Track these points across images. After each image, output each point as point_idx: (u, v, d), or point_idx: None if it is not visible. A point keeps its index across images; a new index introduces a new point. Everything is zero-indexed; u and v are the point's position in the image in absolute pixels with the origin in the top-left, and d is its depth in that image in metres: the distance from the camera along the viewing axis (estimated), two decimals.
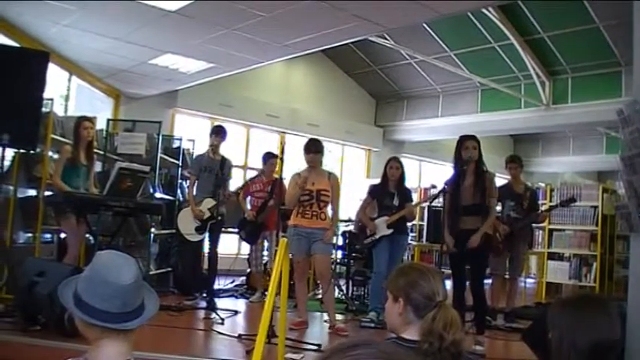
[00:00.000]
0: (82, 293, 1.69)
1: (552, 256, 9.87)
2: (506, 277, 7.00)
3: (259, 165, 8.24)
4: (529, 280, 10.15)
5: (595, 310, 1.90)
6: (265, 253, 7.91)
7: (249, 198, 7.93)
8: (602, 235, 9.27)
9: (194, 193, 7.22)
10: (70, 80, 8.81)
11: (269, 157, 7.87)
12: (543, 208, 7.98)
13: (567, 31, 10.01)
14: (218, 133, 7.20)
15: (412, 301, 2.01)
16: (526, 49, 10.64)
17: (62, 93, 8.73)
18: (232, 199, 7.31)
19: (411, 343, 1.96)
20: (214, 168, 7.04)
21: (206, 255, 7.42)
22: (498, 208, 6.30)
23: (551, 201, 9.63)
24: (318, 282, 7.14)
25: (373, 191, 6.85)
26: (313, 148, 5.95)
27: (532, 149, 16.56)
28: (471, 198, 5.35)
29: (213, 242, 7.11)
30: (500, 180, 6.56)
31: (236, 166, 11.15)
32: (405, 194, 6.79)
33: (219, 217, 6.92)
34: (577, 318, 1.86)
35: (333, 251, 8.40)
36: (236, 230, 8.11)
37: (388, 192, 6.69)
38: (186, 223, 7.07)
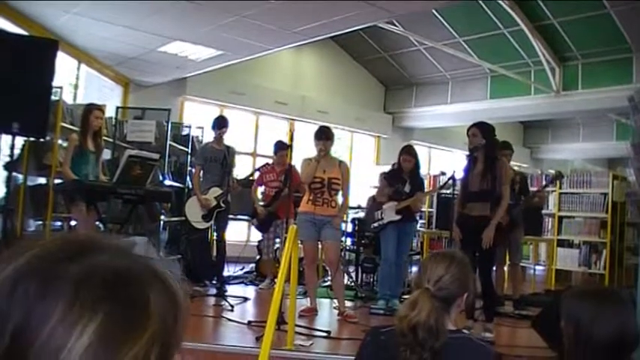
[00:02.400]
0: None
1: (562, 243, 9.82)
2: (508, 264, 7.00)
3: (268, 152, 8.23)
4: (538, 267, 10.10)
5: (615, 305, 1.86)
6: (277, 240, 7.92)
7: (262, 188, 7.92)
8: (612, 222, 9.22)
9: (200, 182, 7.25)
10: (79, 68, 8.82)
11: (280, 147, 7.84)
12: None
13: (578, 17, 9.90)
14: (222, 124, 7.22)
15: (414, 284, 2.05)
16: (536, 35, 10.53)
17: (71, 81, 8.73)
18: (237, 190, 7.32)
19: None
20: (219, 157, 7.07)
21: (215, 242, 7.45)
22: None
23: (560, 188, 9.57)
24: (327, 269, 7.14)
25: (387, 175, 6.88)
26: (324, 135, 5.94)
27: (542, 136, 16.45)
28: (479, 184, 5.31)
29: (221, 229, 7.15)
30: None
31: (245, 154, 11.20)
32: (418, 182, 6.83)
33: (225, 206, 6.96)
34: (596, 312, 1.83)
35: (343, 238, 8.42)
36: (246, 218, 8.11)
37: (401, 179, 6.72)
38: (193, 212, 7.11)
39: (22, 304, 0.60)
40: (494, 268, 5.87)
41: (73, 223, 6.36)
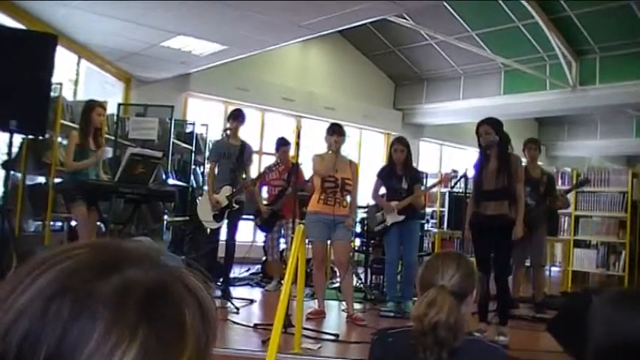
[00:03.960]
0: None
1: (579, 244, 9.76)
2: (528, 265, 6.95)
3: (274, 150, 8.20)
4: (554, 269, 10.05)
5: None
6: (282, 240, 7.90)
7: (265, 188, 7.90)
8: (631, 222, 9.14)
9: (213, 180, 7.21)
10: (78, 64, 8.81)
11: (281, 143, 7.80)
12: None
13: (596, 9, 9.82)
14: (237, 117, 7.10)
15: (419, 285, 2.03)
16: (551, 28, 10.46)
17: (71, 77, 8.73)
18: (250, 189, 7.27)
19: None
20: (234, 154, 6.94)
21: (223, 243, 7.40)
22: None
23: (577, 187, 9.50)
24: (336, 270, 7.12)
25: (381, 174, 6.83)
26: (337, 131, 5.94)
27: (557, 133, 16.35)
28: (494, 182, 5.28)
29: (231, 230, 7.08)
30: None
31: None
32: (414, 176, 6.77)
33: (238, 206, 6.88)
34: (634, 317, 1.78)
35: (352, 238, 8.40)
36: (251, 217, 8.09)
37: (396, 175, 6.66)
38: (203, 211, 7.04)
39: (55, 325, 0.57)
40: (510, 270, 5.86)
41: (73, 223, 6.38)
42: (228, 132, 6.97)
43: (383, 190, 6.84)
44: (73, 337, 0.57)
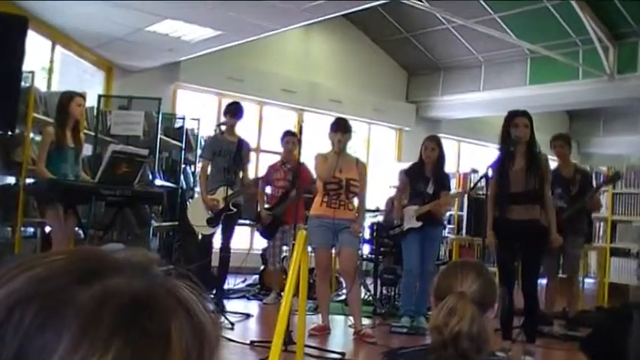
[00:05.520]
0: None
1: (616, 252, 9.70)
2: (562, 276, 6.92)
3: (274, 147, 8.20)
4: (588, 281, 9.99)
5: None
6: (285, 248, 7.90)
7: (268, 187, 7.90)
8: None
9: (206, 180, 7.21)
10: (53, 50, 8.79)
11: (285, 135, 7.84)
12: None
13: None
14: (235, 112, 7.11)
15: (435, 293, 2.05)
16: (585, 9, 10.42)
17: (45, 65, 8.73)
18: (251, 190, 7.25)
19: None
20: (230, 151, 6.95)
21: (217, 250, 7.39)
22: None
23: (614, 188, 9.45)
24: (342, 280, 7.11)
25: (409, 172, 6.84)
26: (342, 127, 5.94)
27: (592, 127, 16.32)
28: (523, 184, 5.25)
29: (227, 236, 7.07)
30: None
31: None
32: (443, 181, 6.75)
33: (235, 209, 6.88)
34: None
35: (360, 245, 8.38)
36: (248, 222, 8.09)
37: (423, 176, 6.63)
38: (196, 214, 7.03)
39: (15, 335, 0.56)
40: (541, 281, 5.83)
41: (47, 229, 6.36)
42: (223, 127, 6.97)
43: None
44: (34, 349, 0.55)
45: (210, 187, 6.99)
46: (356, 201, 6.10)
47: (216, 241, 7.05)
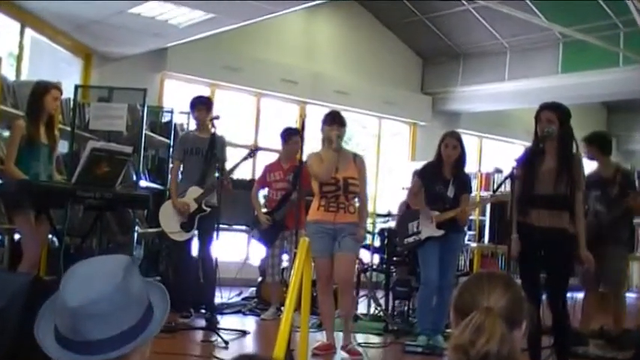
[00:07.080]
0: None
1: None
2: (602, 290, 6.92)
3: (273, 144, 8.21)
4: (629, 295, 9.98)
5: None
6: (285, 257, 7.90)
7: (266, 190, 7.90)
8: None
9: (179, 181, 7.32)
10: (22, 34, 8.77)
11: (290, 134, 7.79)
12: None
13: None
14: (201, 106, 7.21)
15: (457, 309, 2.02)
16: None
17: (13, 51, 8.73)
18: (231, 191, 7.28)
19: None
20: (202, 148, 7.03)
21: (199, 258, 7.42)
22: None
23: None
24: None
25: (422, 173, 6.80)
26: (338, 120, 5.94)
27: (632, 121, 16.31)
28: (552, 186, 5.21)
29: (204, 241, 7.11)
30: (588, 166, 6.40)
31: (242, 146, 11.17)
32: (464, 183, 6.74)
33: (209, 209, 6.93)
34: None
35: (370, 255, 8.38)
36: (244, 229, 8.09)
37: (442, 177, 6.61)
38: (168, 219, 7.11)
39: None
40: (573, 296, 5.81)
41: (17, 236, 6.36)
42: (197, 123, 7.12)
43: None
44: None
45: (182, 188, 7.07)
46: (357, 202, 6.09)
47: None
